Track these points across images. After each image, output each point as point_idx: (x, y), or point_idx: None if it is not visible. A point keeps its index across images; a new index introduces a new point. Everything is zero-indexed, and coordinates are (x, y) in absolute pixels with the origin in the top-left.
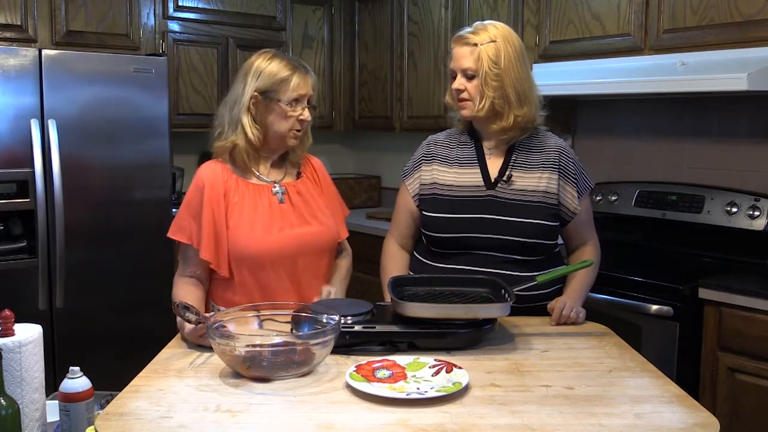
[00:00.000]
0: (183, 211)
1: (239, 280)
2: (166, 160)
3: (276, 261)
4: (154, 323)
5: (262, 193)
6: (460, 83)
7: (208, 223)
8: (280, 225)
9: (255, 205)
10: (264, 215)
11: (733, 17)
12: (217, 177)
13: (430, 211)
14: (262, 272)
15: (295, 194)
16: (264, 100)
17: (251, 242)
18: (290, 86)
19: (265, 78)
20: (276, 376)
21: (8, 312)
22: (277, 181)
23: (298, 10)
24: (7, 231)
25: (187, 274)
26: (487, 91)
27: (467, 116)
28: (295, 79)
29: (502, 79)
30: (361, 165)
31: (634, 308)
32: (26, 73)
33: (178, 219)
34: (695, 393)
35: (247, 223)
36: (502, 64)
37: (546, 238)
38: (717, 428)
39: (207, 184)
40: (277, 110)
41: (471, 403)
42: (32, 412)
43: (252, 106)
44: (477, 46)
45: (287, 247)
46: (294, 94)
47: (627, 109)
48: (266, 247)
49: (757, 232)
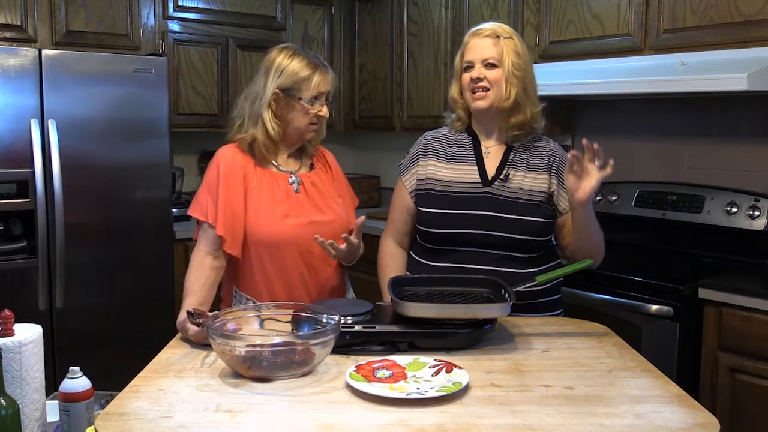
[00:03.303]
0: (202, 188)
1: (257, 264)
2: (166, 160)
3: (292, 246)
4: (154, 323)
5: (280, 181)
6: (479, 72)
7: (224, 201)
8: (296, 212)
9: (273, 192)
10: (282, 202)
11: (733, 17)
12: (237, 160)
13: (425, 206)
14: (279, 257)
15: (310, 185)
16: (285, 97)
17: (270, 227)
18: (311, 84)
19: (286, 76)
20: (276, 376)
21: (8, 312)
22: (294, 172)
23: (298, 10)
24: (7, 231)
25: (204, 251)
26: (513, 80)
27: (483, 107)
28: (316, 78)
29: (525, 72)
30: (361, 165)
31: (634, 308)
32: (26, 73)
33: (197, 197)
34: (695, 393)
35: (266, 208)
36: (524, 59)
37: (540, 235)
38: (717, 428)
39: (226, 165)
40: (298, 107)
41: (471, 403)
42: (32, 412)
43: (273, 103)
44: (500, 39)
45: (304, 233)
46: (315, 92)
47: (627, 109)
48: (285, 233)
49: (757, 232)
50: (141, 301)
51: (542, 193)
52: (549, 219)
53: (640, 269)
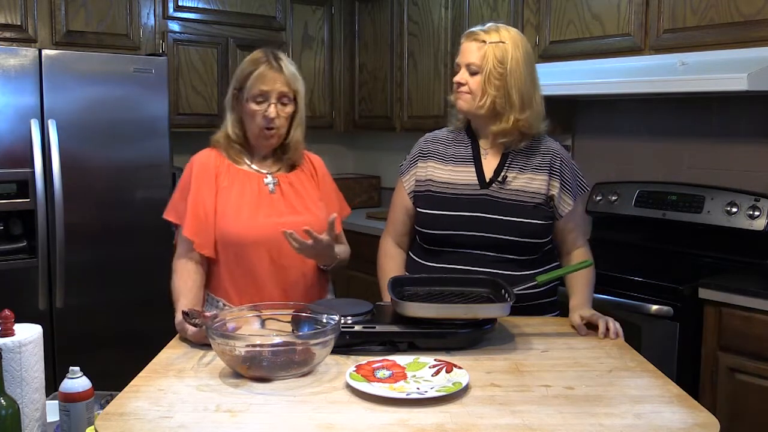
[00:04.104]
0: (176, 192)
1: (225, 264)
2: (166, 160)
3: (260, 245)
4: (154, 323)
5: (252, 180)
6: (462, 77)
7: (193, 203)
8: (267, 212)
9: (243, 191)
10: (251, 201)
11: (733, 17)
12: (209, 161)
13: (423, 207)
14: (247, 257)
15: (287, 185)
16: (238, 98)
17: (235, 226)
18: (251, 80)
19: (237, 73)
20: (276, 376)
21: (8, 312)
22: (270, 173)
23: (298, 10)
24: (7, 231)
25: (184, 255)
26: (489, 89)
27: (463, 109)
28: (256, 73)
29: (505, 80)
30: (361, 165)
31: (634, 308)
32: (26, 73)
33: (172, 200)
34: (695, 393)
35: (234, 208)
36: (507, 65)
37: (538, 237)
38: (717, 428)
39: (197, 166)
40: (246, 107)
41: (471, 403)
42: (32, 412)
43: (234, 105)
44: (485, 44)
45: (273, 233)
46: (256, 89)
47: (627, 109)
48: (250, 232)
49: (757, 232)
50: (141, 301)
51: (541, 194)
52: (548, 221)
53: (640, 269)
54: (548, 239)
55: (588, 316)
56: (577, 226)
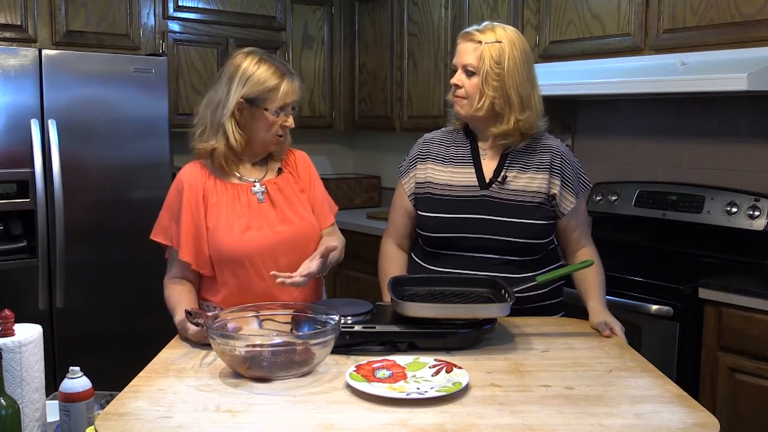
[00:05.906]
0: (164, 212)
1: (221, 280)
2: (166, 160)
3: (255, 259)
4: (154, 323)
5: (241, 193)
6: (458, 79)
7: (187, 224)
8: (258, 224)
9: (233, 206)
10: (242, 215)
11: (733, 17)
12: (196, 178)
13: (424, 210)
14: (242, 271)
15: (276, 191)
16: (250, 107)
17: (229, 242)
18: (278, 95)
19: (252, 85)
20: (276, 376)
21: (8, 312)
22: (258, 180)
23: (298, 10)
24: (7, 231)
25: (176, 275)
26: (487, 90)
27: (461, 115)
28: (283, 87)
29: (503, 80)
30: (361, 165)
31: (634, 308)
32: (26, 73)
33: (159, 221)
34: (695, 393)
35: (225, 224)
36: (504, 65)
37: (540, 238)
38: (717, 428)
39: (186, 185)
40: (263, 118)
41: (471, 403)
42: (32, 412)
43: (237, 112)
44: (481, 44)
45: (266, 245)
46: (281, 102)
47: (627, 109)
48: (244, 247)
49: (757, 232)
50: (141, 301)
51: (542, 194)
52: (549, 221)
53: (640, 269)
54: (551, 239)
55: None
56: (580, 224)
